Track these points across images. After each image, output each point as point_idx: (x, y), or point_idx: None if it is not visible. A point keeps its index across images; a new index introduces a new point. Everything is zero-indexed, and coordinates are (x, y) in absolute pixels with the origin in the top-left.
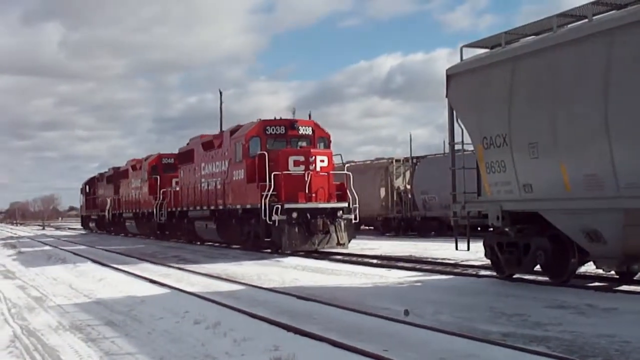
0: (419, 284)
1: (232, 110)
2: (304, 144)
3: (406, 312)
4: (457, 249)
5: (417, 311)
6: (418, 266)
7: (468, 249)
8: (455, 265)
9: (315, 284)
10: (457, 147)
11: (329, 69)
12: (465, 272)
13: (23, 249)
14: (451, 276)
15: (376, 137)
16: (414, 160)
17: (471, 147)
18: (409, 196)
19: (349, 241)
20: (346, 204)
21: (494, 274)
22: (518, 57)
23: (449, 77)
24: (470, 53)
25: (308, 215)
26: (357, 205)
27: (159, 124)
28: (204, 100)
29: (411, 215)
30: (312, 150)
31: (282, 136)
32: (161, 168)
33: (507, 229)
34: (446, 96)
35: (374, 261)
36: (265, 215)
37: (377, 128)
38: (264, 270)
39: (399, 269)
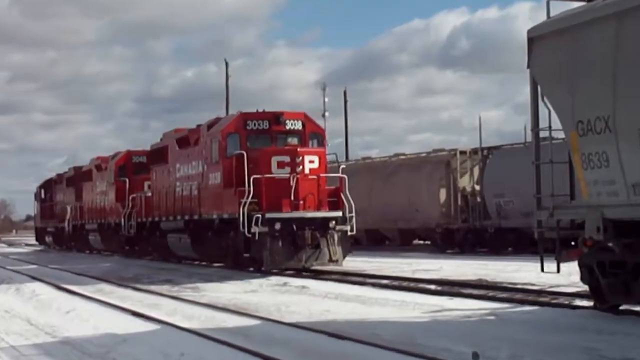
0: (491, 317)
1: (243, 87)
2: (294, 141)
3: (475, 356)
4: (542, 270)
5: (489, 354)
6: (490, 294)
7: (558, 270)
8: (541, 292)
9: (352, 317)
10: (542, 134)
11: (370, 31)
12: (554, 301)
13: None
14: (535, 307)
15: (434, 122)
16: (485, 152)
17: (561, 135)
18: (478, 200)
19: (344, 257)
20: (340, 213)
21: (593, 304)
22: (627, 12)
23: (531, 40)
24: (561, 8)
25: (294, 226)
26: (354, 214)
27: (145, 105)
28: (204, 74)
29: (481, 226)
30: (299, 149)
31: (265, 132)
32: (131, 169)
33: (610, 244)
34: (528, 67)
35: (431, 287)
36: (243, 227)
37: (436, 110)
38: (283, 300)
39: (464, 298)
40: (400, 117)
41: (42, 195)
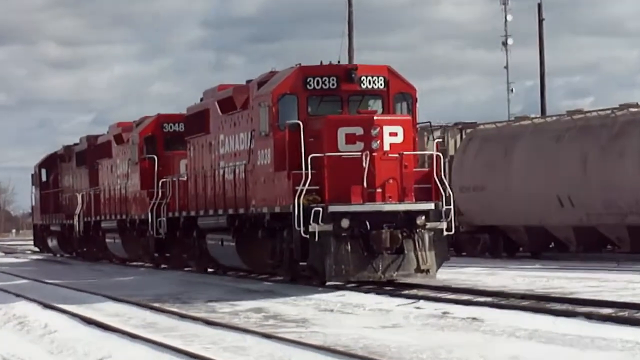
0: None
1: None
2: (375, 105)
3: None
4: None
5: None
6: None
7: None
8: None
9: None
10: None
11: None
12: None
13: None
14: None
15: None
16: None
17: None
18: None
19: (439, 266)
20: (432, 205)
21: None
22: None
23: None
24: None
25: (367, 223)
26: (453, 206)
27: (218, 32)
28: None
29: None
30: (376, 118)
31: (333, 93)
32: (162, 141)
33: None
34: None
35: None
36: (298, 225)
37: None
38: (443, 340)
39: None
40: (630, 45)
41: (43, 178)
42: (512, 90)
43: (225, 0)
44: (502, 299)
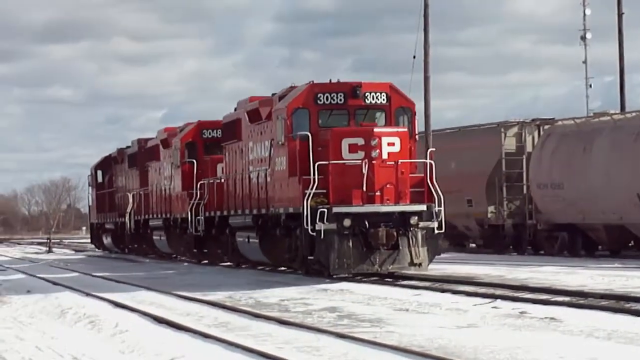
0: None
1: None
2: (379, 118)
3: None
4: None
5: None
6: None
7: None
8: None
9: None
10: None
11: None
12: None
13: (9, 296)
14: None
15: None
16: None
17: None
18: None
19: (431, 260)
20: (424, 207)
21: None
22: None
23: None
24: None
25: (366, 223)
26: (444, 208)
27: (292, 26)
28: None
29: None
30: (375, 130)
31: (341, 107)
32: (201, 147)
33: None
34: None
35: None
36: (307, 224)
37: None
38: (520, 341)
39: None
40: None
41: (99, 179)
42: (590, 85)
43: None
44: (580, 299)
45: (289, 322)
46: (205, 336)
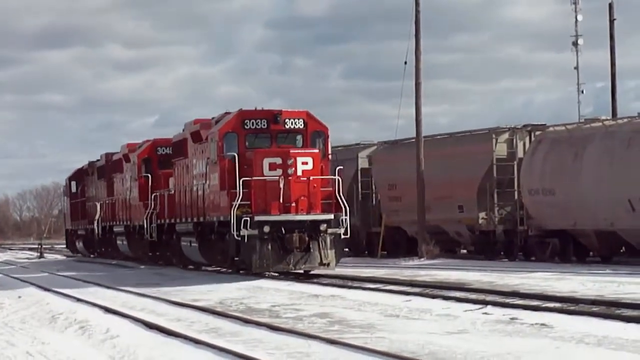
0: None
1: (442, 1)
2: (297, 140)
3: None
4: None
5: None
6: None
7: None
8: None
9: None
10: None
11: None
12: None
13: None
14: None
15: None
16: None
17: None
18: None
19: (337, 261)
20: (331, 216)
21: None
22: None
23: None
24: None
25: (283, 229)
26: (349, 217)
27: (285, 32)
28: None
29: None
30: (291, 151)
31: (264, 131)
32: (156, 162)
33: None
34: None
35: None
36: (233, 230)
37: None
38: (512, 347)
39: None
40: None
41: (72, 189)
42: (582, 91)
43: (292, 1)
44: (571, 305)
45: (279, 328)
46: (196, 342)
